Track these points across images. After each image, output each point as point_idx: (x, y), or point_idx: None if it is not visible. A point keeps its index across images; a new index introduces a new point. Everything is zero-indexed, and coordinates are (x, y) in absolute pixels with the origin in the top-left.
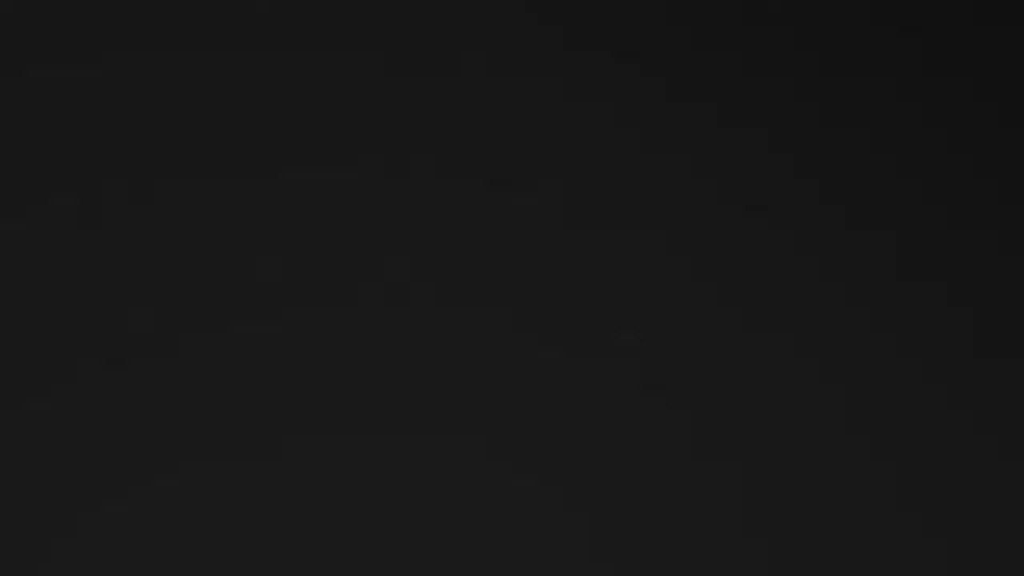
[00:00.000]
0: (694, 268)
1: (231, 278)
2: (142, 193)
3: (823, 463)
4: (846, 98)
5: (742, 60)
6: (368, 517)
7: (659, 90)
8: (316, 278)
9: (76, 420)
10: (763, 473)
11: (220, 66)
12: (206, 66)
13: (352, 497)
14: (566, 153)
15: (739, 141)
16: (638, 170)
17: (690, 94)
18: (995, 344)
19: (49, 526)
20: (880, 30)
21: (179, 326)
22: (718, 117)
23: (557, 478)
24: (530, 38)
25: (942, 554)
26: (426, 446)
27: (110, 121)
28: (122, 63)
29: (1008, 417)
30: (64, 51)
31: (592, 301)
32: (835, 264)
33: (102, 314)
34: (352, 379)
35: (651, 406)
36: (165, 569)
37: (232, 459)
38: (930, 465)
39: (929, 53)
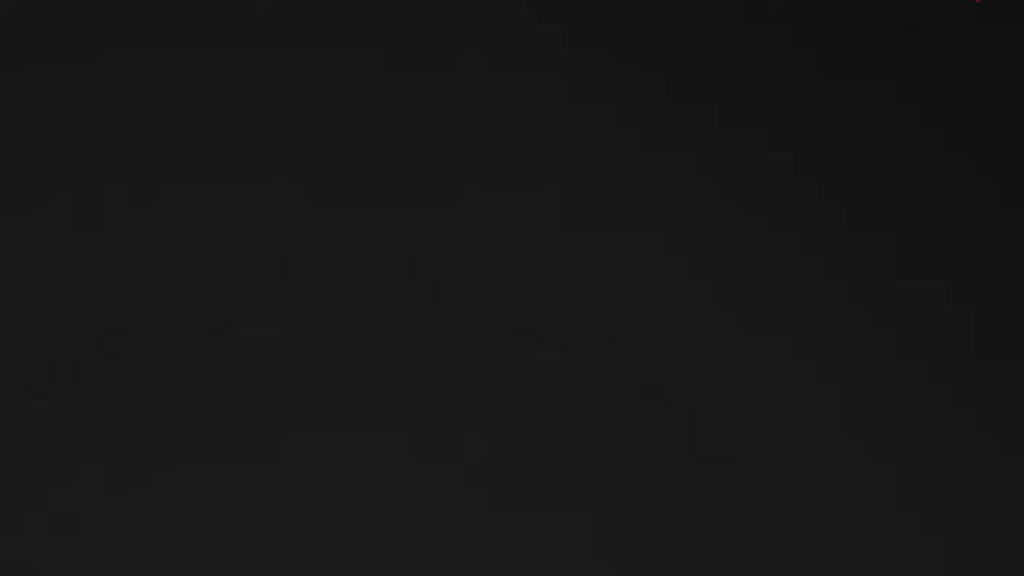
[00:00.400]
0: (694, 268)
1: (231, 278)
2: (142, 193)
3: (823, 463)
4: (846, 98)
5: (742, 60)
6: (368, 517)
7: (659, 90)
8: (316, 278)
9: (76, 420)
10: (763, 473)
11: (220, 66)
12: (206, 66)
13: (352, 497)
14: (566, 153)
15: (739, 141)
16: (638, 170)
17: (690, 94)
18: (995, 344)
19: (49, 526)
20: (880, 30)
21: (179, 326)
22: (718, 117)
23: (557, 478)
24: (530, 38)
25: (942, 554)
26: (426, 446)
27: (110, 121)
28: (122, 63)
29: (1008, 417)
30: (64, 51)
31: (592, 301)
32: (835, 264)
33: (102, 314)
34: (352, 379)
35: (651, 406)
36: (165, 569)
37: (232, 459)
38: (930, 465)
39: (929, 53)
